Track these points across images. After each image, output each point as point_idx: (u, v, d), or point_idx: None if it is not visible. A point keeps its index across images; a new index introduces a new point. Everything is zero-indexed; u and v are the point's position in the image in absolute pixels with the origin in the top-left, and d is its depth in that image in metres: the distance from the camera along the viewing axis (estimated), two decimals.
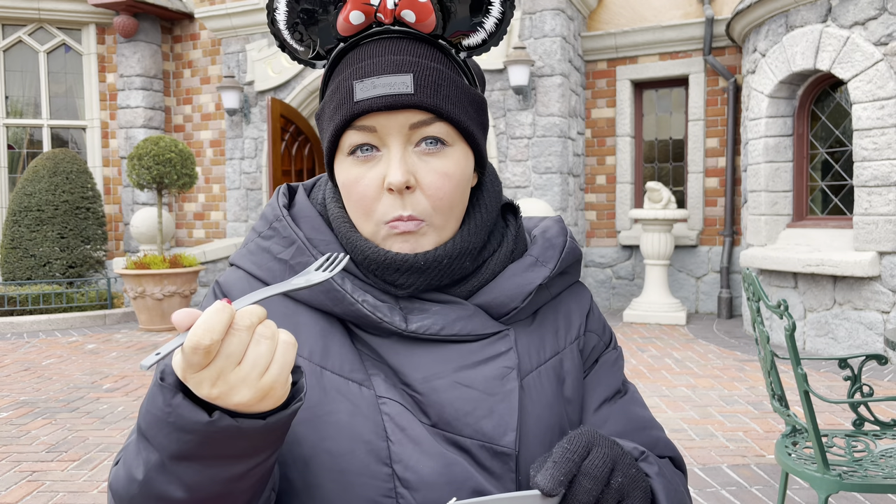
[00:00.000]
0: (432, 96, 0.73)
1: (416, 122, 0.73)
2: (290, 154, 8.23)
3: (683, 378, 5.10)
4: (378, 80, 0.72)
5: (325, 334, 0.77)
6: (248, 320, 0.56)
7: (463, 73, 0.79)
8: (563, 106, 7.40)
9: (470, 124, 0.77)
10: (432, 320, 0.76)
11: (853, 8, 5.61)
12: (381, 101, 0.72)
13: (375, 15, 0.73)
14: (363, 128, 0.73)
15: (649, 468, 0.73)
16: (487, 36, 0.77)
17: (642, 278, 8.18)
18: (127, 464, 0.65)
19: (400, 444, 0.72)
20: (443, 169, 0.75)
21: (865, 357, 2.32)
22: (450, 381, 0.75)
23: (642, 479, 0.69)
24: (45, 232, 8.25)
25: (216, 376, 0.55)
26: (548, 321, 0.84)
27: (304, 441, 0.72)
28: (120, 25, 9.01)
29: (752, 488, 3.13)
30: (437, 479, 0.71)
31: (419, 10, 0.73)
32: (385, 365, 0.76)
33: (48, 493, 3.23)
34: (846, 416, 4.16)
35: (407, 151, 0.74)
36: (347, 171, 0.76)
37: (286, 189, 0.87)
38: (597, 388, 0.85)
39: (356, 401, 0.73)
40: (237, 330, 0.56)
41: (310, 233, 0.80)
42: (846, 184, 6.14)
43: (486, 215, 0.81)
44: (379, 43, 0.75)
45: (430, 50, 0.76)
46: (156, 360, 0.54)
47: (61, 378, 5.38)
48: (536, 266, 0.82)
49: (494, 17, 0.76)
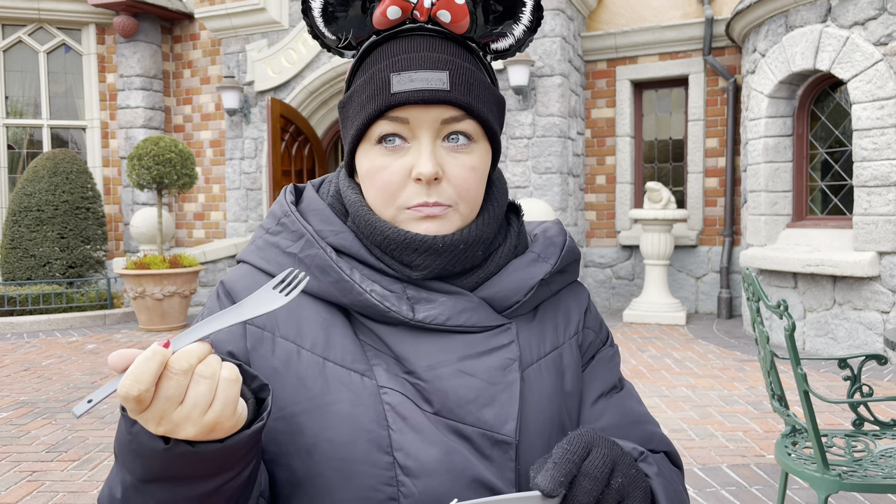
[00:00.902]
0: (466, 94, 0.76)
1: (448, 118, 0.76)
2: (290, 154, 8.23)
3: (683, 378, 5.10)
4: (416, 74, 0.75)
5: (328, 326, 0.78)
6: (185, 363, 0.57)
7: (488, 74, 0.82)
8: (562, 106, 7.40)
9: (495, 123, 0.80)
10: (438, 310, 0.78)
11: (853, 8, 5.61)
12: (417, 95, 0.74)
13: (412, 12, 0.76)
14: (396, 118, 0.75)
15: (649, 468, 0.74)
16: (515, 41, 0.81)
17: (642, 278, 8.18)
18: (110, 483, 0.69)
19: (401, 432, 0.73)
20: (469, 163, 0.78)
21: (865, 357, 2.32)
22: (454, 369, 0.76)
23: (642, 479, 0.69)
24: (45, 232, 8.25)
25: (159, 417, 0.57)
26: (548, 317, 0.86)
27: (307, 430, 0.73)
28: (120, 25, 9.01)
29: (752, 488, 3.13)
30: (438, 466, 0.72)
31: (455, 11, 0.76)
32: (388, 354, 0.78)
33: (48, 493, 3.23)
34: (846, 416, 4.16)
35: (436, 145, 0.77)
36: (373, 159, 0.78)
37: (293, 188, 0.88)
38: (593, 382, 0.87)
39: (358, 391, 0.75)
40: (173, 374, 0.57)
41: (318, 225, 0.82)
42: (846, 184, 6.14)
43: (499, 208, 0.84)
44: (413, 39, 0.77)
45: (462, 50, 0.79)
46: (86, 409, 0.56)
47: (61, 378, 5.38)
48: (538, 262, 0.84)
49: (524, 24, 0.80)
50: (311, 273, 0.79)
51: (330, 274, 0.78)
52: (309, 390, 0.75)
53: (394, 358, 0.78)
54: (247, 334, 0.79)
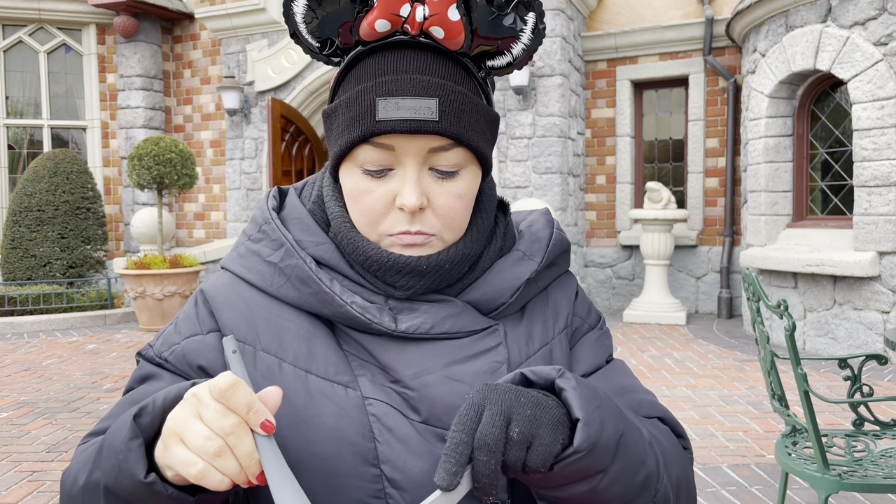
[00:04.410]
0: (455, 124, 0.72)
1: (435, 147, 0.73)
2: (290, 154, 8.23)
3: (683, 378, 5.10)
4: (402, 101, 0.71)
5: (310, 337, 0.76)
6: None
7: (482, 92, 0.78)
8: (563, 106, 7.40)
9: (486, 149, 0.77)
10: (422, 319, 0.76)
11: (853, 8, 5.61)
12: (404, 125, 0.71)
13: (403, 26, 0.72)
14: (381, 145, 0.72)
15: (565, 382, 0.65)
16: (513, 59, 0.77)
17: (642, 278, 8.18)
18: (78, 463, 0.70)
19: (387, 444, 0.72)
20: (456, 191, 0.75)
21: (865, 357, 2.32)
22: (440, 376, 0.75)
23: (545, 410, 0.62)
24: (46, 232, 8.25)
25: (202, 465, 0.59)
26: (536, 313, 0.84)
27: (292, 445, 0.72)
28: (120, 26, 9.01)
29: (752, 488, 3.13)
30: (426, 478, 0.71)
31: (449, 28, 0.72)
32: (373, 364, 0.76)
33: (48, 493, 3.23)
34: (846, 416, 4.16)
35: (422, 173, 0.74)
36: (356, 181, 0.75)
37: (277, 192, 0.86)
38: (576, 366, 0.85)
39: (342, 403, 0.73)
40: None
41: (299, 235, 0.80)
42: (846, 184, 6.14)
43: (487, 220, 0.82)
44: (403, 55, 0.73)
45: (454, 68, 0.74)
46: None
47: (61, 378, 5.38)
48: (524, 260, 0.82)
49: (523, 43, 0.75)
50: (291, 283, 0.77)
51: (310, 285, 0.76)
52: (292, 404, 0.73)
53: (379, 367, 0.76)
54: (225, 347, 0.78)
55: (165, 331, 0.82)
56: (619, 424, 0.65)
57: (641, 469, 0.67)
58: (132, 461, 0.61)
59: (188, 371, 0.78)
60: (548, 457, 0.61)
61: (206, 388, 0.59)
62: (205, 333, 0.79)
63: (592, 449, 0.62)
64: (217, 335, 0.78)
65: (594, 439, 0.62)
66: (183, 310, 0.83)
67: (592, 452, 0.62)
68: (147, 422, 0.63)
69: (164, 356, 0.80)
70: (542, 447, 0.60)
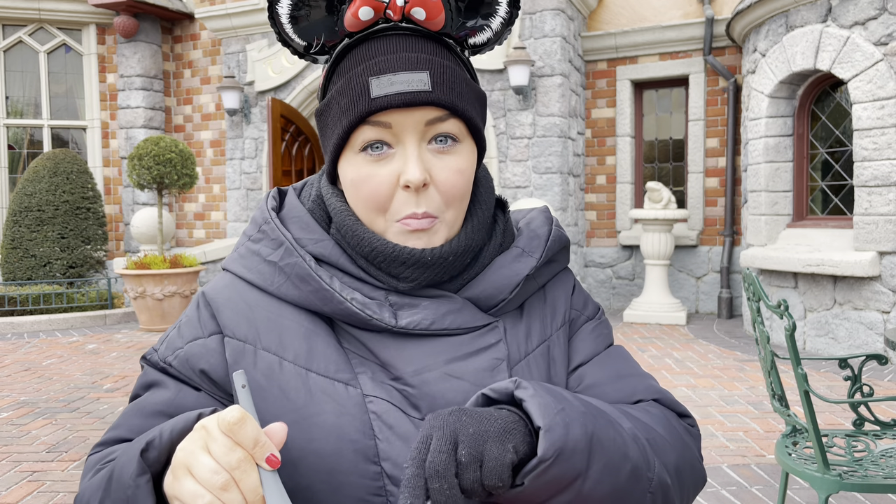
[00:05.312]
0: (448, 93, 0.74)
1: (431, 119, 0.74)
2: (291, 154, 8.23)
3: (683, 378, 5.10)
4: (395, 76, 0.72)
5: (310, 335, 0.77)
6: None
7: (468, 70, 0.80)
8: (563, 106, 7.40)
9: (479, 121, 0.78)
10: (422, 315, 0.77)
11: (853, 8, 5.61)
12: (399, 98, 0.72)
13: (385, 12, 0.74)
14: (379, 123, 0.73)
15: (523, 392, 0.64)
16: (493, 35, 0.79)
17: (642, 278, 8.18)
18: (90, 489, 0.71)
19: (387, 441, 0.72)
20: (456, 165, 0.76)
21: (865, 357, 2.32)
22: (440, 373, 0.75)
23: (489, 423, 0.61)
24: (46, 232, 8.25)
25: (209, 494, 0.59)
26: (535, 309, 0.85)
27: (292, 443, 0.72)
28: (120, 26, 9.01)
29: (753, 488, 3.13)
30: None
31: (430, 8, 0.74)
32: (373, 361, 0.77)
33: (48, 493, 3.23)
34: (846, 416, 4.16)
35: (422, 149, 0.75)
36: (358, 168, 0.75)
37: (276, 193, 0.87)
38: (574, 355, 0.85)
39: (342, 401, 0.73)
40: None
41: (298, 233, 0.81)
42: (846, 184, 6.14)
43: (486, 211, 0.83)
44: (389, 40, 0.75)
45: (440, 47, 0.76)
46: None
47: (62, 378, 5.38)
48: (523, 257, 0.83)
49: (501, 17, 0.78)
50: (291, 282, 0.78)
51: (310, 283, 0.77)
52: (292, 402, 0.74)
53: (379, 365, 0.76)
54: (226, 348, 0.78)
55: (169, 334, 0.83)
56: (587, 425, 0.64)
57: (625, 463, 0.66)
58: (140, 498, 0.63)
59: (191, 376, 0.79)
60: (501, 469, 0.59)
61: (214, 420, 0.60)
62: (206, 337, 0.79)
63: (559, 455, 0.60)
64: (218, 338, 0.79)
65: (559, 445, 0.60)
66: (185, 313, 0.84)
67: (561, 458, 0.61)
68: (154, 456, 0.64)
69: (168, 361, 0.80)
70: (492, 461, 0.59)
